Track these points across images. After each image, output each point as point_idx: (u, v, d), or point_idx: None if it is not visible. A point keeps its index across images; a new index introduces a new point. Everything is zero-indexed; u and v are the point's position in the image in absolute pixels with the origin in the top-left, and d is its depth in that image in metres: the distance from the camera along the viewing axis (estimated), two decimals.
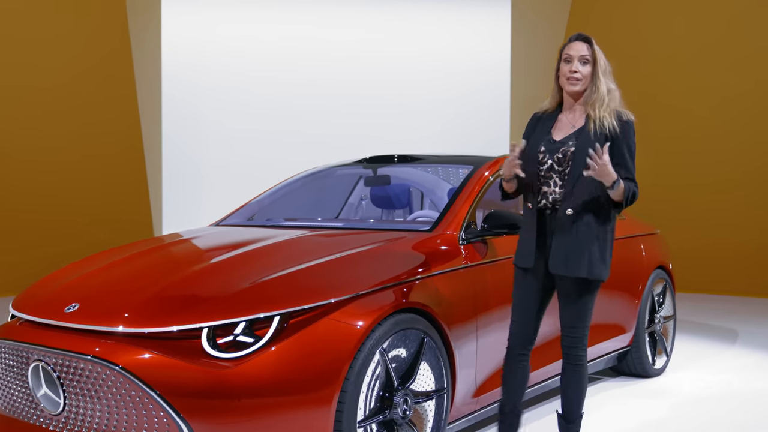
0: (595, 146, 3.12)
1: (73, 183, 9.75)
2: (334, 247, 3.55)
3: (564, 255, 3.19)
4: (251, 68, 10.48)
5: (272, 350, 2.85)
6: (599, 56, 3.27)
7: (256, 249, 3.55)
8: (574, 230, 3.18)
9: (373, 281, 3.20)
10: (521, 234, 3.38)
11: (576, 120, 3.31)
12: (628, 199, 3.20)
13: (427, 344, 3.30)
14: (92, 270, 3.52)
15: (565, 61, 3.28)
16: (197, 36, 10.28)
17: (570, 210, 3.19)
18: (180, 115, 10.28)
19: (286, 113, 10.63)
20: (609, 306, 4.87)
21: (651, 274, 5.32)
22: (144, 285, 3.20)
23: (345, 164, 5.04)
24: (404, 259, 3.48)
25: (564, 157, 3.23)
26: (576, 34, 3.33)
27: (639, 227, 5.52)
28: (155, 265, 3.52)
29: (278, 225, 4.32)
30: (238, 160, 10.56)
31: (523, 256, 3.32)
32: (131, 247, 3.91)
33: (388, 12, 10.94)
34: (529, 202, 3.31)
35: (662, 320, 5.48)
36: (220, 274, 3.24)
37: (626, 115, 3.28)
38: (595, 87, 3.25)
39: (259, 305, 2.94)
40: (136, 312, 2.99)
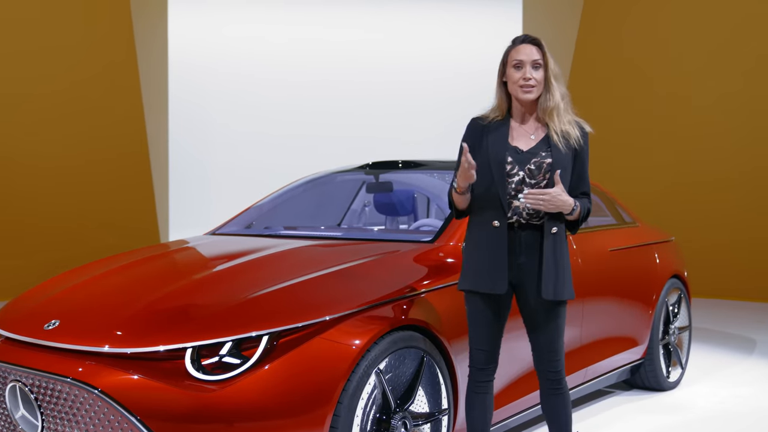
0: (568, 162, 2.96)
1: (79, 188, 9.65)
2: (329, 259, 3.38)
3: (555, 278, 2.95)
4: (259, 70, 10.37)
5: (260, 372, 2.68)
6: (550, 59, 3.03)
7: (247, 262, 3.38)
8: (558, 250, 2.96)
9: (369, 297, 3.03)
10: (478, 255, 2.99)
11: (532, 129, 3.05)
12: (582, 219, 3.02)
13: (427, 363, 3.12)
14: (76, 284, 3.37)
15: (515, 66, 3.01)
16: (204, 39, 10.19)
17: (555, 228, 2.97)
18: (187, 118, 10.18)
19: (295, 116, 10.52)
20: (621, 318, 4.68)
21: (665, 283, 5.12)
22: (127, 301, 3.04)
23: (346, 170, 4.87)
24: (403, 272, 3.30)
25: (538, 169, 2.97)
26: (523, 35, 3.07)
27: (652, 235, 5.32)
28: (140, 279, 3.36)
29: (275, 234, 4.16)
30: (246, 164, 10.44)
31: (488, 280, 2.96)
32: (119, 258, 3.76)
33: (396, 13, 10.80)
34: (494, 218, 2.98)
35: (677, 331, 5.27)
36: (206, 290, 3.07)
37: (586, 126, 3.09)
38: (550, 94, 3.00)
39: (246, 324, 2.77)
40: (117, 330, 2.83)
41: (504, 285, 2.96)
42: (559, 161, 2.96)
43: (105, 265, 3.65)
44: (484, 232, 3.00)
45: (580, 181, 3.04)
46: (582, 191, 3.06)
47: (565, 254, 2.99)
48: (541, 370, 3.08)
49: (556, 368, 3.05)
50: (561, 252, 2.97)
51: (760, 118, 9.37)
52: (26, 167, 9.36)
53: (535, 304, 3.01)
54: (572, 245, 4.31)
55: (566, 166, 2.97)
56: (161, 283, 3.20)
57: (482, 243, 3.00)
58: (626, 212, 5.32)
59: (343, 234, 4.15)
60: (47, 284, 3.57)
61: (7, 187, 9.30)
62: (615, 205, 5.24)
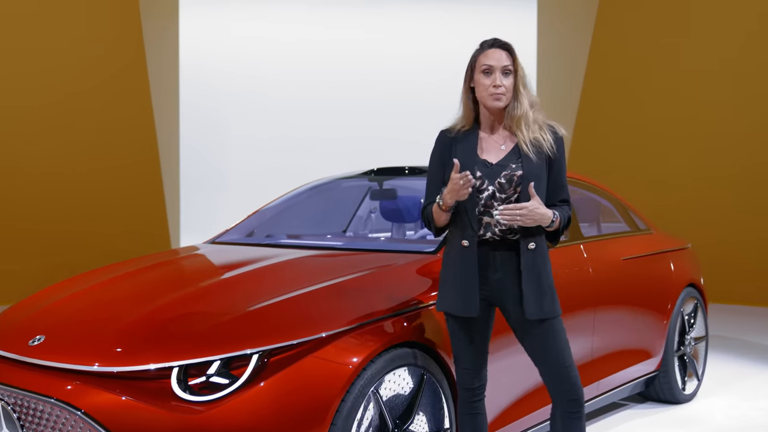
0: (541, 171, 2.82)
1: (89, 193, 9.61)
2: (325, 272, 3.25)
3: (539, 296, 2.79)
4: (271, 72, 10.29)
5: (249, 392, 2.55)
6: (520, 66, 2.87)
7: (241, 275, 3.26)
8: (538, 266, 2.80)
9: (366, 312, 2.89)
10: (450, 275, 2.87)
11: (502, 139, 2.89)
12: (563, 229, 2.87)
13: (427, 381, 2.99)
14: (65, 296, 3.26)
15: (484, 72, 2.84)
16: (214, 41, 10.12)
17: (533, 244, 2.81)
18: (198, 121, 10.12)
19: (307, 118, 10.43)
20: (635, 329, 4.52)
21: (681, 292, 4.95)
22: (114, 316, 2.93)
23: (351, 176, 4.73)
24: (403, 286, 3.16)
25: (509, 183, 2.82)
26: (492, 39, 2.90)
27: (667, 242, 5.16)
28: (129, 293, 3.24)
29: (274, 243, 4.03)
30: (258, 167, 10.36)
31: (460, 302, 2.82)
32: (112, 269, 3.65)
33: (410, 13, 10.69)
34: (464, 237, 2.82)
35: (693, 342, 5.10)
36: (195, 306, 2.95)
37: (560, 130, 2.93)
38: (518, 102, 2.85)
39: (236, 341, 2.64)
40: (103, 348, 2.72)
41: (475, 307, 2.83)
42: (530, 172, 2.81)
43: (97, 276, 3.54)
44: (454, 251, 2.88)
45: (558, 189, 2.90)
46: (561, 199, 2.91)
47: (546, 269, 2.83)
48: (557, 394, 2.87)
49: (573, 389, 2.85)
50: (542, 267, 2.81)
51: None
52: (36, 173, 9.33)
53: (525, 326, 2.86)
54: (583, 254, 4.17)
55: (540, 176, 2.82)
56: (150, 297, 3.09)
57: (453, 263, 2.87)
58: (640, 219, 5.16)
59: (344, 244, 4.01)
60: (40, 294, 3.48)
61: (18, 192, 9.27)
62: (628, 211, 5.08)
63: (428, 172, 3.01)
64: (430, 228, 2.96)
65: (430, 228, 2.96)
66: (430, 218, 2.93)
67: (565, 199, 2.93)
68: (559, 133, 2.91)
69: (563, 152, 2.91)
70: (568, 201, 2.95)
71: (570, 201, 2.96)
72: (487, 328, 2.95)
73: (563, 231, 2.87)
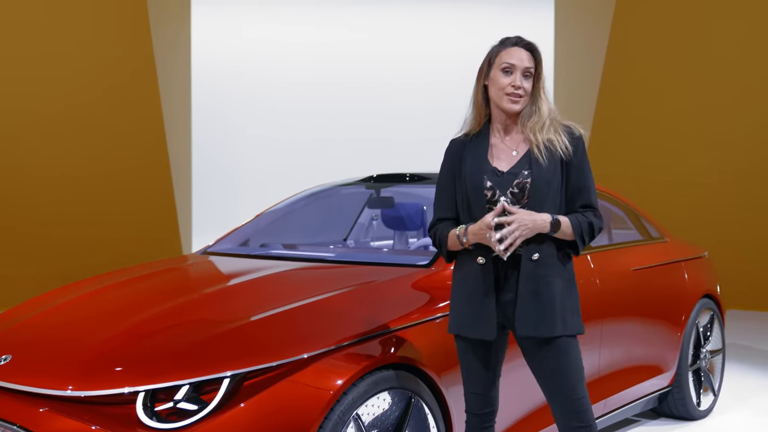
0: (553, 176, 2.58)
1: (99, 197, 9.54)
2: (310, 288, 3.08)
3: (534, 312, 2.56)
4: (284, 74, 10.20)
5: (220, 419, 2.39)
6: (541, 68, 2.65)
7: (222, 290, 3.11)
8: (541, 279, 2.57)
9: (350, 332, 2.72)
10: (464, 295, 2.64)
11: (516, 144, 2.67)
12: (585, 236, 2.61)
13: (415, 405, 2.81)
14: (40, 312, 3.12)
15: (504, 71, 2.63)
16: (226, 44, 10.03)
17: (536, 255, 2.57)
18: (210, 124, 10.04)
19: (321, 120, 10.32)
20: (646, 343, 4.31)
21: (696, 304, 4.73)
22: (85, 335, 2.78)
23: (350, 183, 4.56)
24: (393, 302, 2.99)
25: (521, 192, 2.59)
26: (516, 36, 2.67)
27: (682, 250, 4.94)
28: (106, 309, 3.10)
29: (264, 255, 3.86)
30: (270, 169, 10.26)
31: (475, 325, 2.61)
32: (95, 281, 3.51)
33: (423, 14, 10.53)
34: (479, 254, 2.59)
35: (709, 355, 4.88)
36: (171, 324, 2.80)
37: (577, 129, 2.69)
38: (536, 107, 2.63)
39: (208, 364, 2.49)
40: (69, 369, 2.57)
41: (492, 330, 2.60)
42: (540, 178, 2.58)
43: (79, 288, 3.41)
44: (469, 268, 2.65)
45: (577, 193, 2.64)
46: (583, 204, 2.65)
47: (553, 282, 2.58)
48: (563, 419, 2.63)
49: (583, 421, 2.61)
50: (545, 280, 2.57)
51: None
52: (45, 177, 9.28)
53: (524, 345, 2.65)
54: (589, 265, 3.98)
55: (550, 181, 2.60)
56: (125, 314, 2.93)
57: (467, 281, 2.64)
58: (654, 226, 4.94)
59: (336, 255, 3.83)
60: (19, 309, 3.35)
61: (27, 197, 9.23)
62: (641, 219, 4.86)
63: (437, 185, 2.79)
64: (441, 251, 2.72)
65: (441, 251, 2.72)
66: (442, 242, 2.69)
67: (587, 204, 2.65)
68: (576, 133, 2.67)
69: (583, 153, 2.67)
70: (592, 206, 2.66)
71: (596, 206, 2.68)
72: (501, 351, 2.74)
73: (586, 239, 2.62)
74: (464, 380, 2.75)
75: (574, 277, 2.67)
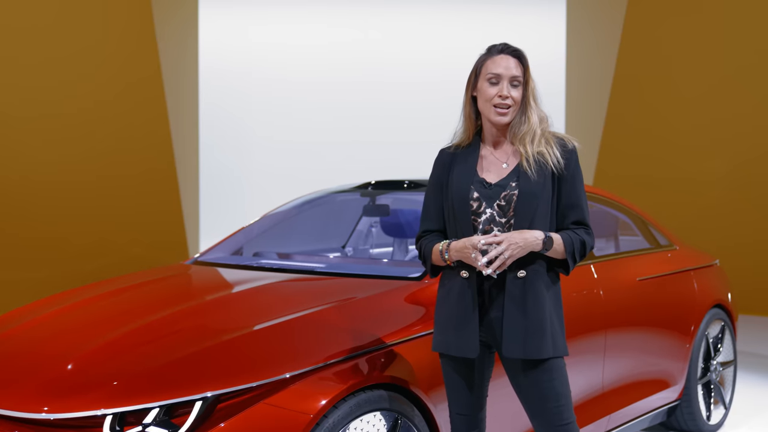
0: (541, 190, 2.45)
1: (103, 202, 9.49)
2: (296, 301, 2.95)
3: (521, 332, 2.43)
4: (293, 76, 10.08)
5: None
6: (531, 76, 2.51)
7: (201, 305, 2.99)
8: (529, 298, 2.43)
9: (334, 350, 2.59)
10: (447, 310, 2.52)
11: (506, 156, 2.54)
12: (576, 255, 2.47)
13: (402, 426, 2.67)
14: (15, 327, 3.01)
15: (490, 81, 2.50)
16: (234, 47, 9.94)
17: (522, 272, 2.44)
18: (219, 127, 9.95)
19: (333, 122, 10.20)
20: (652, 356, 4.15)
21: (705, 314, 4.56)
22: (56, 353, 2.66)
23: (347, 189, 4.42)
24: (381, 317, 2.85)
25: (508, 204, 2.47)
26: (501, 44, 2.54)
27: (691, 259, 4.76)
28: (82, 323, 2.98)
29: (252, 265, 3.72)
30: (282, 171, 10.15)
31: (457, 342, 2.48)
32: (72, 294, 3.40)
33: (435, 15, 10.39)
34: (463, 267, 2.48)
35: (719, 367, 4.71)
36: (144, 341, 2.67)
37: (570, 142, 2.55)
38: (525, 117, 2.49)
39: (179, 385, 2.36)
40: (36, 389, 2.46)
41: (475, 347, 2.47)
42: (526, 192, 2.45)
43: (57, 302, 3.29)
44: (452, 282, 2.52)
45: (568, 209, 2.51)
46: (575, 220, 2.52)
47: (541, 301, 2.45)
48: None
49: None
50: (533, 299, 2.43)
51: None
52: (49, 182, 9.24)
53: (518, 367, 2.50)
54: (593, 275, 3.82)
55: (538, 194, 2.46)
56: (99, 330, 2.81)
57: (451, 297, 2.52)
58: (662, 234, 4.77)
59: (326, 267, 3.67)
60: (1, 320, 3.24)
61: (33, 202, 9.19)
62: (648, 226, 4.70)
63: (425, 195, 2.67)
64: (425, 264, 2.61)
65: (425, 264, 2.61)
66: (427, 255, 2.57)
67: (580, 221, 2.52)
68: (569, 146, 2.53)
69: (576, 167, 2.53)
70: (584, 223, 2.53)
71: (588, 224, 2.54)
72: (488, 370, 2.61)
73: (578, 258, 2.48)
74: (449, 401, 2.62)
75: (560, 296, 2.54)
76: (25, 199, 9.16)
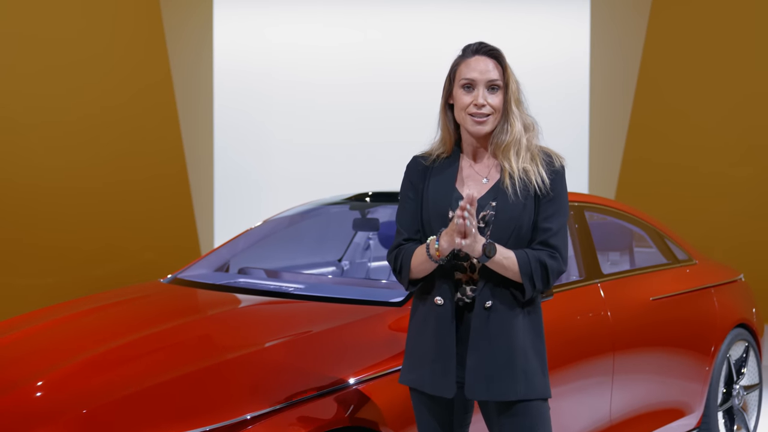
0: (521, 212, 2.17)
1: (114, 208, 9.36)
2: (263, 331, 2.69)
3: (487, 370, 2.14)
4: (310, 78, 9.85)
5: None
6: (512, 78, 2.21)
7: (157, 334, 2.72)
8: (495, 331, 2.14)
9: (298, 389, 2.33)
10: (420, 342, 2.23)
11: (487, 170, 2.25)
12: (535, 278, 2.13)
13: None
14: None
15: (464, 87, 2.20)
16: (250, 48, 9.74)
17: (489, 302, 2.16)
18: (235, 128, 9.77)
19: (352, 124, 9.94)
20: (667, 382, 3.84)
21: (727, 335, 4.23)
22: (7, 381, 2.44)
23: (341, 201, 4.14)
24: (352, 350, 2.59)
25: (487, 226, 2.18)
26: (476, 43, 2.24)
27: (712, 274, 4.42)
28: (28, 355, 2.73)
29: (227, 285, 3.45)
30: (298, 176, 9.94)
31: (431, 378, 2.19)
32: (34, 317, 3.17)
33: (457, 15, 10.11)
34: (438, 293, 2.20)
35: (743, 392, 4.37)
36: (89, 377, 2.41)
37: (558, 160, 2.24)
38: (508, 125, 2.19)
39: (117, 430, 2.11)
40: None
41: (451, 386, 2.18)
42: (504, 213, 2.17)
43: (16, 325, 3.07)
44: (426, 311, 2.23)
45: (540, 230, 2.19)
46: (540, 240, 2.20)
47: (511, 334, 2.15)
48: None
49: None
50: (501, 333, 2.14)
51: None
52: (62, 188, 9.13)
53: (492, 410, 2.21)
54: (599, 295, 3.53)
55: (517, 217, 2.17)
56: (42, 364, 2.56)
57: (425, 326, 2.22)
58: (681, 247, 4.44)
59: (306, 288, 3.37)
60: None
61: (46, 208, 9.10)
62: (665, 239, 4.36)
63: (399, 205, 2.36)
64: (400, 278, 2.28)
65: (400, 278, 2.28)
66: (403, 264, 2.24)
67: (545, 242, 2.19)
68: (556, 164, 2.24)
69: (561, 189, 2.23)
70: (557, 249, 2.20)
71: (557, 248, 2.21)
72: (467, 414, 2.32)
73: (537, 282, 2.15)
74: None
75: (542, 329, 2.24)
76: (36, 205, 9.07)
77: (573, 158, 3.87)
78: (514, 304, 2.17)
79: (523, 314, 2.19)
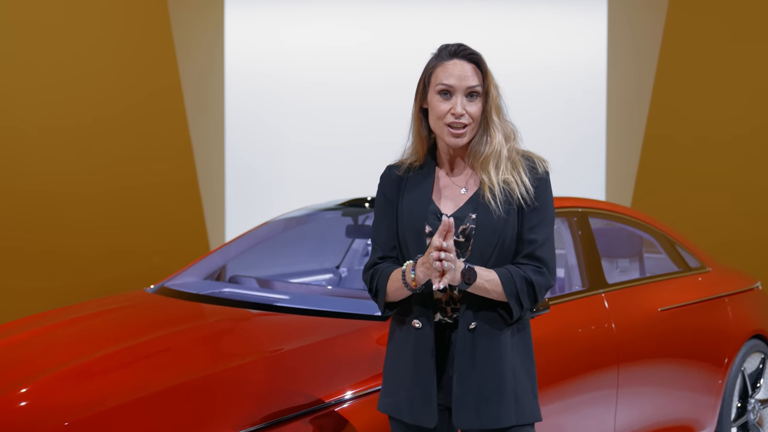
0: (503, 225, 2.00)
1: (125, 211, 9.30)
2: (240, 347, 2.55)
3: (473, 397, 1.98)
4: (323, 79, 9.74)
5: None
6: (493, 83, 2.03)
7: (130, 348, 2.59)
8: (481, 354, 1.98)
9: (272, 409, 2.18)
10: (398, 366, 2.07)
11: (464, 180, 2.08)
12: (522, 297, 1.97)
13: None
14: None
15: (441, 93, 2.03)
16: (263, 49, 9.65)
17: (474, 323, 1.99)
18: (247, 130, 9.68)
19: (367, 125, 9.81)
20: (676, 396, 3.66)
21: (742, 346, 4.03)
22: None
23: (336, 207, 3.99)
24: (333, 368, 2.43)
25: (467, 241, 2.02)
26: (455, 45, 2.06)
27: (726, 282, 4.22)
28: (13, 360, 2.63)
29: (214, 296, 3.32)
30: (312, 179, 9.83)
31: (411, 405, 2.03)
32: (27, 322, 3.07)
33: (471, 15, 9.95)
34: (416, 315, 2.04)
35: (759, 406, 4.17)
36: (57, 392, 2.29)
37: (541, 165, 2.07)
38: (488, 137, 2.01)
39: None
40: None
41: (432, 415, 2.02)
42: (485, 226, 2.00)
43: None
44: (404, 335, 2.07)
45: (525, 242, 2.03)
46: (526, 254, 2.03)
47: (499, 357, 1.99)
48: None
49: None
50: (488, 354, 1.98)
51: None
52: (71, 193, 9.09)
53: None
54: (603, 306, 3.35)
55: (500, 230, 2.00)
56: (16, 376, 2.44)
57: (404, 349, 2.06)
58: (693, 254, 4.24)
59: (292, 300, 3.21)
60: None
61: (55, 211, 9.07)
62: (676, 246, 4.17)
63: (373, 223, 2.20)
64: (377, 301, 2.11)
65: (377, 301, 2.11)
66: (379, 288, 2.07)
67: (531, 255, 2.03)
68: (539, 170, 2.07)
69: (546, 196, 2.06)
70: (544, 262, 2.04)
71: (545, 261, 2.05)
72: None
73: (524, 301, 1.99)
74: None
75: (531, 346, 2.07)
76: (44, 209, 9.03)
77: (590, 154, 3.66)
78: (501, 323, 2.01)
79: (511, 332, 2.04)
